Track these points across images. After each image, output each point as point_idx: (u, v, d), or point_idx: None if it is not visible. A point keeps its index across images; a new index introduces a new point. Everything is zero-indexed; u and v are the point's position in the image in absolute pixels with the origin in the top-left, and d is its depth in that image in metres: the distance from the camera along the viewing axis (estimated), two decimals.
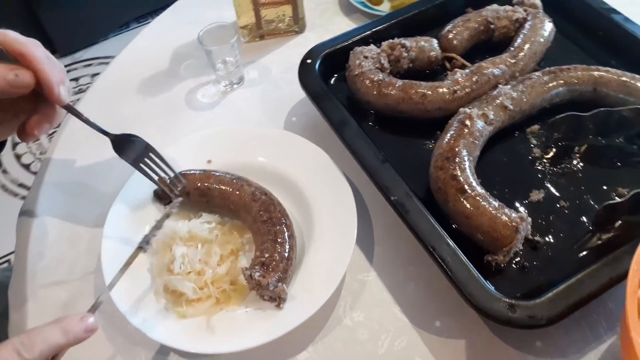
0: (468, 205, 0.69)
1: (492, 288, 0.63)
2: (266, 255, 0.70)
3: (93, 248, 0.81)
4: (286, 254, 0.71)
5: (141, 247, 0.66)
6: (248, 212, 0.76)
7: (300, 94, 0.98)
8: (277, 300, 0.68)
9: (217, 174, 0.79)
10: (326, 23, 1.15)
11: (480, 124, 0.79)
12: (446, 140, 0.76)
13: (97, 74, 2.69)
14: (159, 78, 1.07)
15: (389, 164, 0.75)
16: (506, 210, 0.68)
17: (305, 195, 0.80)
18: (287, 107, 0.96)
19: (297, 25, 1.12)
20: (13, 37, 0.55)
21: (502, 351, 0.68)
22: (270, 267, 0.69)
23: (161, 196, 0.80)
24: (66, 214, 0.85)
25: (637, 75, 0.84)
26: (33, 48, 0.55)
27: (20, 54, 0.54)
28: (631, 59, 0.90)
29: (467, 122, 0.78)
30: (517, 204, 0.75)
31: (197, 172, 0.80)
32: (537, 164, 0.81)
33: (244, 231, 0.79)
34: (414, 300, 0.73)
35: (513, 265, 0.70)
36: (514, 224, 0.67)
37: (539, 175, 0.80)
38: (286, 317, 0.68)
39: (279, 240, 0.72)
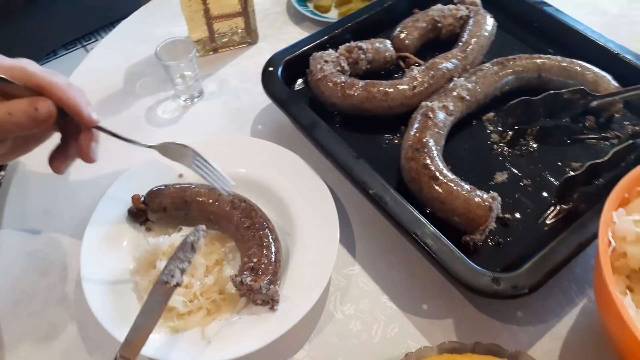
0: (442, 191, 0.73)
1: (475, 265, 0.67)
2: (254, 260, 0.71)
3: (68, 275, 0.78)
4: (273, 257, 0.72)
5: (169, 282, 0.60)
6: (229, 220, 0.77)
7: (262, 102, 1.01)
8: (271, 302, 0.69)
9: (192, 186, 0.79)
10: (277, 33, 1.18)
11: (442, 115, 0.83)
12: (413, 132, 0.80)
13: None
14: (115, 98, 1.05)
15: (363, 159, 0.77)
16: (477, 192, 0.73)
17: (283, 199, 0.81)
18: (250, 116, 0.97)
19: (250, 36, 1.14)
20: (31, 72, 0.55)
21: (487, 324, 0.72)
22: (259, 271, 0.70)
23: (135, 214, 0.79)
24: (31, 245, 0.82)
25: (574, 60, 0.92)
26: (51, 77, 0.56)
27: (40, 87, 0.55)
28: (565, 46, 0.98)
29: (430, 115, 0.82)
30: (484, 187, 0.80)
31: (172, 186, 0.79)
32: (496, 148, 0.87)
33: (225, 240, 0.79)
34: (400, 288, 0.76)
35: (489, 243, 0.75)
36: (486, 203, 0.71)
37: (500, 158, 0.85)
38: (280, 319, 0.69)
39: (265, 244, 0.73)
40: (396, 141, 0.87)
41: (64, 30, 2.66)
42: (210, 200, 0.77)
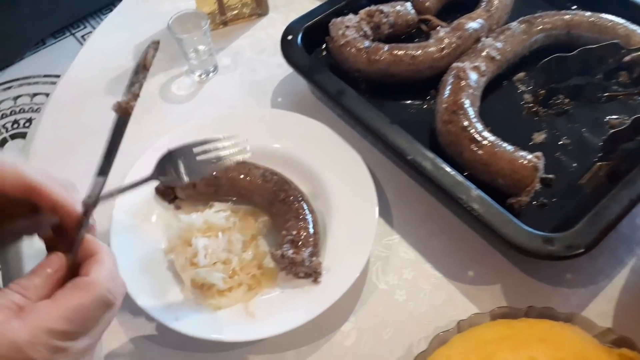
0: (484, 153, 0.71)
1: (527, 227, 0.65)
2: (293, 232, 0.68)
3: None
4: (312, 229, 0.70)
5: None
6: (262, 194, 0.74)
7: (280, 74, 0.96)
8: (314, 275, 0.66)
9: None
10: (288, 3, 1.13)
11: (474, 76, 0.80)
12: (447, 95, 0.78)
13: (19, 96, 2.51)
14: (126, 77, 1.00)
15: (397, 125, 0.75)
16: (521, 152, 0.71)
17: (314, 170, 0.77)
18: (269, 88, 0.93)
19: (260, 8, 1.10)
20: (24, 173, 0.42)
21: (537, 288, 0.70)
22: (300, 243, 0.67)
23: (163, 192, 0.76)
24: None
25: (601, 15, 0.89)
26: (47, 181, 0.43)
27: (32, 190, 0.42)
28: (587, 1, 0.95)
29: (462, 76, 0.79)
30: (524, 148, 0.77)
31: None
32: (531, 108, 0.84)
33: (258, 215, 0.76)
34: (443, 255, 0.74)
35: (533, 205, 0.72)
36: (532, 163, 0.69)
37: (535, 119, 0.83)
38: (324, 292, 0.66)
39: (301, 216, 0.70)
40: (425, 106, 0.84)
41: (52, 18, 2.58)
42: (242, 175, 0.74)
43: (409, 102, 0.85)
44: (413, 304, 0.70)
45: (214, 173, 0.73)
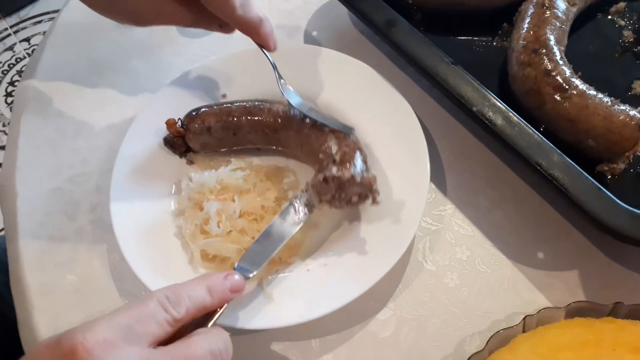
0: (572, 106, 0.56)
1: (621, 202, 0.51)
2: (334, 151, 0.56)
3: (98, 218, 0.66)
4: (355, 145, 0.58)
5: None
6: (288, 128, 0.62)
7: (316, 2, 0.84)
8: (371, 194, 0.54)
9: (238, 103, 0.64)
10: None
11: (561, 4, 0.64)
12: (525, 28, 0.62)
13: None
14: None
15: (460, 66, 0.60)
16: (621, 106, 0.55)
17: (354, 120, 0.65)
18: (302, 20, 0.82)
19: None
20: None
21: (626, 278, 0.57)
22: (345, 159, 0.55)
23: (173, 143, 0.65)
24: (54, 183, 0.70)
25: None
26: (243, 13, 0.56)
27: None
28: None
29: (547, 4, 0.63)
30: (620, 99, 0.62)
31: (214, 105, 0.64)
32: (630, 48, 0.67)
33: (282, 174, 0.65)
34: (507, 231, 0.61)
35: (630, 173, 0.58)
36: (635, 121, 0.54)
37: (638, 61, 0.66)
38: (360, 273, 0.55)
39: (341, 137, 0.58)
40: (495, 44, 0.71)
41: None
42: (262, 113, 0.62)
43: (475, 38, 0.72)
44: (467, 290, 0.58)
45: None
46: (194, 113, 0.64)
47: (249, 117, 0.62)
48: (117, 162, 0.63)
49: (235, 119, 0.62)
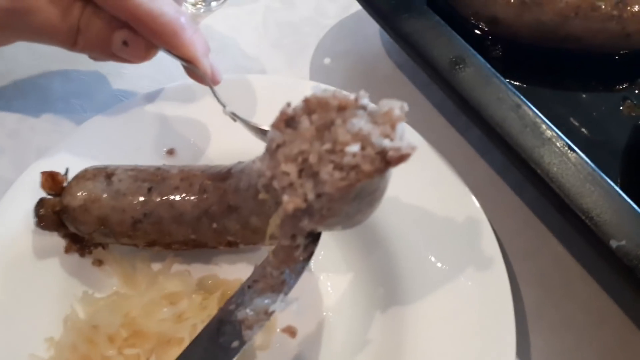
0: None
1: None
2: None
3: None
4: None
5: None
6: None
7: (334, 14, 0.65)
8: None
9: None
10: None
11: None
12: None
13: None
14: None
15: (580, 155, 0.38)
16: None
17: (383, 230, 0.44)
18: (310, 39, 0.64)
19: None
20: None
21: None
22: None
23: (44, 216, 0.41)
24: None
25: None
26: (159, 8, 0.43)
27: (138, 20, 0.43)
28: None
29: None
30: None
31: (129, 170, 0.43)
32: None
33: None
34: None
35: None
36: None
37: None
38: None
39: None
40: (623, 109, 0.50)
41: None
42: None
43: (588, 95, 0.52)
44: None
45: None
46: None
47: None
48: None
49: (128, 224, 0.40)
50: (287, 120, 0.31)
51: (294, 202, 0.29)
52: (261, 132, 0.42)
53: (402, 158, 0.28)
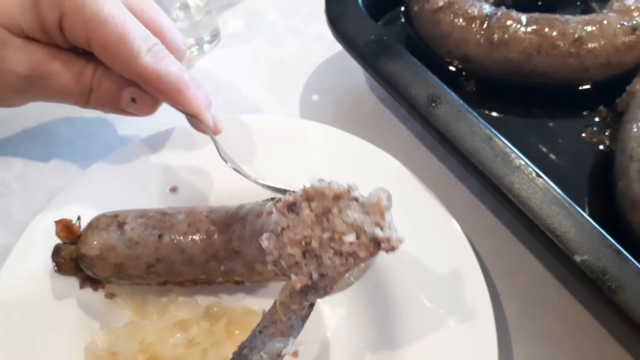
0: None
1: None
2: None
3: None
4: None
5: None
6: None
7: (321, 52, 0.69)
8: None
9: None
10: None
11: None
12: None
13: None
14: None
15: (535, 169, 0.44)
16: None
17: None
18: (299, 76, 0.67)
19: None
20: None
21: None
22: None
23: (61, 262, 0.45)
24: None
25: None
26: (165, 67, 0.46)
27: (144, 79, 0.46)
28: None
29: None
30: None
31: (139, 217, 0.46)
32: None
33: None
34: None
35: None
36: None
37: None
38: None
39: None
40: (585, 136, 0.54)
41: None
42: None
43: (554, 123, 0.56)
44: None
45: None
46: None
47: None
48: None
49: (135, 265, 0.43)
50: (290, 206, 0.35)
51: (301, 280, 0.34)
52: (260, 185, 0.45)
53: (392, 249, 0.34)
